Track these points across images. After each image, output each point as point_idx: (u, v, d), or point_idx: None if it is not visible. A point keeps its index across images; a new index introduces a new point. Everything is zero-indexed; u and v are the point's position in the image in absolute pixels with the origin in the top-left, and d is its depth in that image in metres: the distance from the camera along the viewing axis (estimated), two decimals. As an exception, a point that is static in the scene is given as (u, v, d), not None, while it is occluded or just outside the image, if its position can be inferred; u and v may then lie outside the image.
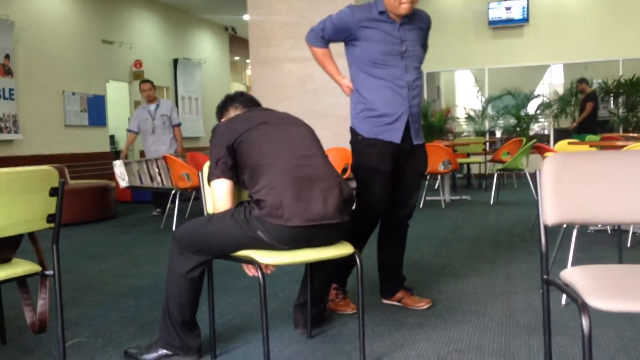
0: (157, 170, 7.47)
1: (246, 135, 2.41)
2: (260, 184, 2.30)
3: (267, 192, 2.26)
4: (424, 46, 3.17)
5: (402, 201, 3.13)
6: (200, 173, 2.59)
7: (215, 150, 2.42)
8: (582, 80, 11.03)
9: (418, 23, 3.06)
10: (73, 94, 9.97)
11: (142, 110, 7.77)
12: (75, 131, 10.01)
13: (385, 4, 2.93)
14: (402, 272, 3.29)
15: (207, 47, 14.81)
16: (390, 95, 2.96)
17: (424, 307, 3.16)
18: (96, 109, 10.57)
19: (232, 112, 2.70)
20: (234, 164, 2.41)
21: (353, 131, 3.07)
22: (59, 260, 2.23)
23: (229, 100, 2.75)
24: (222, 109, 2.76)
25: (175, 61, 13.18)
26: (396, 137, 2.97)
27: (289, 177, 2.30)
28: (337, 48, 3.15)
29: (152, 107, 7.70)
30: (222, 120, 2.71)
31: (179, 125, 7.81)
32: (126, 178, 6.94)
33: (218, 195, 2.41)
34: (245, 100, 2.74)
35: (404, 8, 2.88)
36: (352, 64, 3.07)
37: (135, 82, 11.83)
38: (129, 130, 7.93)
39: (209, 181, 2.44)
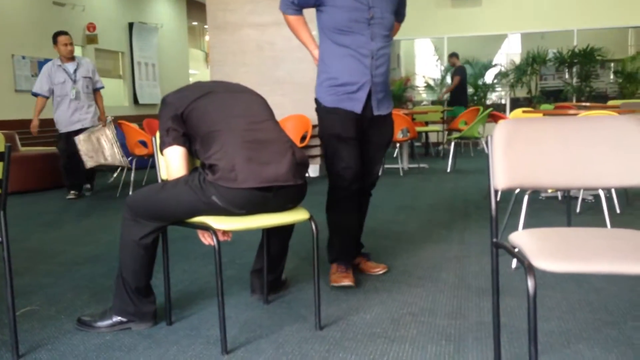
0: (99, 142, 6.39)
1: (195, 104, 2.39)
2: (212, 149, 2.28)
3: (219, 156, 2.25)
4: (398, 14, 3.12)
5: (365, 170, 3.09)
6: (153, 139, 2.55)
7: (165, 119, 2.40)
8: (453, 55, 11.24)
9: None
10: (23, 57, 9.64)
11: (57, 71, 6.35)
12: (26, 96, 9.70)
13: None
14: (359, 238, 3.29)
15: (163, 11, 14.44)
16: (352, 64, 2.91)
17: (380, 272, 3.19)
18: (48, 74, 10.24)
19: None
20: (185, 132, 2.39)
21: (317, 100, 3.04)
22: (7, 227, 2.17)
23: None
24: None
25: (131, 25, 12.84)
26: (357, 106, 2.94)
27: (240, 141, 2.29)
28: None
29: (71, 66, 6.39)
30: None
31: (101, 89, 6.75)
32: (94, 156, 6.21)
33: (172, 162, 2.39)
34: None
35: None
36: (319, 31, 3.02)
37: (89, 47, 11.50)
38: (36, 94, 6.42)
39: (161, 150, 2.41)
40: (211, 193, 2.24)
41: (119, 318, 2.46)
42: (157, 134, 2.49)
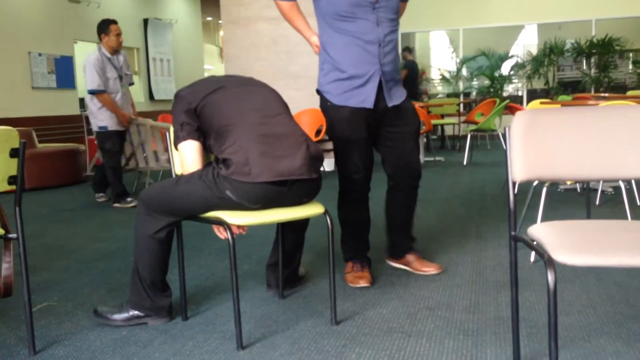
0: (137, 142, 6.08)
1: (209, 99, 2.38)
2: (225, 144, 2.27)
3: (232, 150, 2.23)
4: None
5: (403, 165, 2.91)
6: (167, 134, 2.54)
7: (179, 114, 2.39)
8: (405, 49, 11.15)
9: None
10: (39, 55, 9.70)
11: (107, 64, 5.53)
12: (43, 94, 9.77)
13: None
14: (411, 235, 3.10)
15: (178, 7, 14.47)
16: (358, 54, 2.72)
17: (432, 272, 2.98)
18: (64, 71, 10.30)
19: None
20: (199, 126, 2.38)
21: (321, 95, 2.86)
22: (22, 223, 2.17)
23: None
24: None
25: (146, 21, 12.87)
26: (368, 101, 2.76)
27: (254, 135, 2.27)
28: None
29: (117, 60, 5.67)
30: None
31: (131, 85, 6.05)
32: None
33: (186, 157, 2.37)
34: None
35: None
36: (319, 18, 2.83)
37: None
38: (96, 92, 5.45)
39: (175, 145, 2.40)
40: (225, 188, 2.22)
41: (135, 312, 2.46)
42: (171, 129, 2.48)
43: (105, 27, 5.54)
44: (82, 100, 11.38)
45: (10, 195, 2.21)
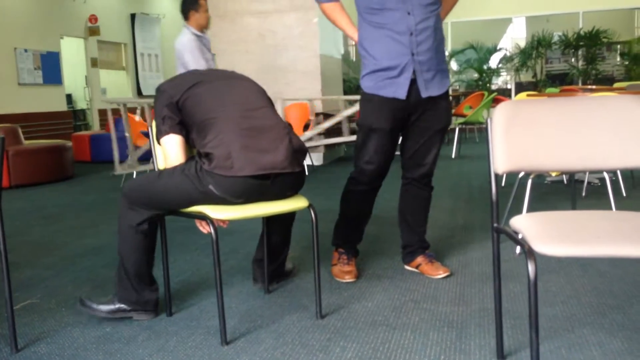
0: None
1: (190, 92, 2.37)
2: (207, 138, 2.26)
3: (214, 144, 2.22)
4: None
5: (418, 161, 2.86)
6: (150, 129, 2.52)
7: (161, 107, 2.38)
8: None
9: None
10: (25, 50, 9.63)
11: (204, 46, 4.83)
12: (29, 90, 9.70)
13: None
14: (422, 236, 3.01)
15: (165, 2, 14.38)
16: (390, 45, 2.66)
17: (441, 276, 2.87)
18: (51, 67, 10.23)
19: None
20: (181, 120, 2.36)
21: (360, 89, 2.84)
22: (2, 220, 2.15)
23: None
24: None
25: (133, 16, 12.79)
26: (400, 92, 2.68)
27: (236, 128, 2.26)
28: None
29: (207, 39, 4.96)
30: None
31: None
32: None
33: (169, 151, 2.36)
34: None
35: None
36: (358, 15, 2.80)
37: (92, 39, 11.46)
38: None
39: (158, 139, 2.39)
40: (208, 182, 2.21)
41: (121, 305, 2.44)
42: (153, 123, 2.46)
43: (194, 3, 4.80)
44: (69, 97, 11.31)
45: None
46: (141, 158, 6.51)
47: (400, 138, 2.91)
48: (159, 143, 2.40)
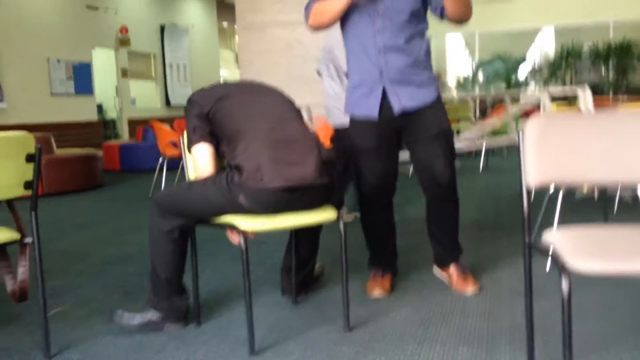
0: None
1: (220, 104, 2.40)
2: (237, 150, 2.28)
3: (244, 157, 2.24)
4: (427, 3, 2.68)
5: (429, 173, 2.74)
6: (181, 138, 2.56)
7: (191, 117, 2.42)
8: None
9: None
10: (58, 61, 9.82)
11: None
12: (61, 100, 9.89)
13: None
14: (453, 246, 2.92)
15: (194, 13, 14.58)
16: (361, 62, 2.67)
17: (470, 292, 2.79)
18: (82, 77, 10.42)
19: None
20: (211, 130, 2.39)
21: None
22: (37, 227, 2.19)
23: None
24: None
25: (162, 27, 12.98)
26: (372, 110, 2.67)
27: (265, 140, 2.28)
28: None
29: None
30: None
31: None
32: None
33: (199, 160, 2.39)
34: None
35: None
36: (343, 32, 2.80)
37: (122, 50, 11.66)
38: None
39: (189, 148, 2.43)
40: (238, 194, 2.23)
41: (153, 314, 2.46)
42: (185, 133, 2.49)
43: None
44: (99, 106, 11.49)
45: (27, 200, 2.23)
46: (169, 167, 6.57)
47: (410, 157, 2.84)
48: (189, 152, 2.44)
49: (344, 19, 2.70)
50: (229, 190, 2.25)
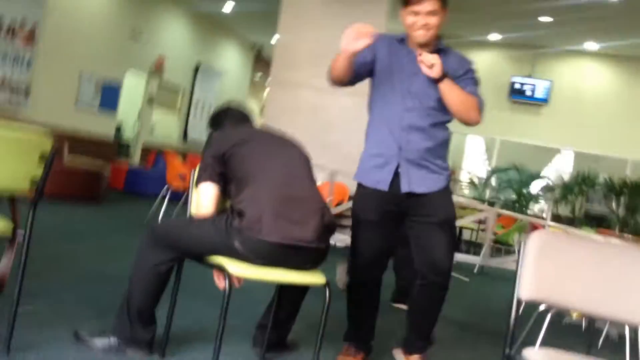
0: None
1: (238, 149, 2.44)
2: (243, 194, 2.31)
3: (248, 204, 2.26)
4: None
5: (426, 258, 2.69)
6: (192, 172, 2.59)
7: (207, 155, 2.47)
8: None
9: (450, 64, 2.60)
10: (90, 76, 10.00)
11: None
12: (83, 113, 10.02)
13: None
14: (424, 336, 2.85)
15: (231, 60, 14.95)
16: (383, 134, 2.68)
17: None
18: (109, 96, 10.57)
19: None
20: (222, 173, 2.43)
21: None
22: (32, 225, 2.20)
23: (224, 115, 2.77)
24: (216, 121, 2.77)
25: (198, 65, 13.29)
26: (382, 183, 2.66)
27: (272, 194, 2.30)
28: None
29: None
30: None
31: None
32: None
33: (202, 198, 2.42)
34: (236, 114, 2.77)
35: (417, 36, 2.58)
36: (369, 106, 2.84)
37: (154, 78, 11.91)
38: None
39: (197, 182, 2.45)
40: (234, 238, 2.24)
41: (115, 339, 2.43)
42: (196, 168, 2.52)
43: None
44: (118, 127, 11.62)
45: (26, 199, 2.24)
46: (172, 197, 6.58)
47: (409, 237, 2.79)
48: (196, 186, 2.47)
49: (375, 89, 2.75)
50: (227, 233, 2.26)
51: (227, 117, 2.75)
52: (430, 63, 2.44)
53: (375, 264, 2.80)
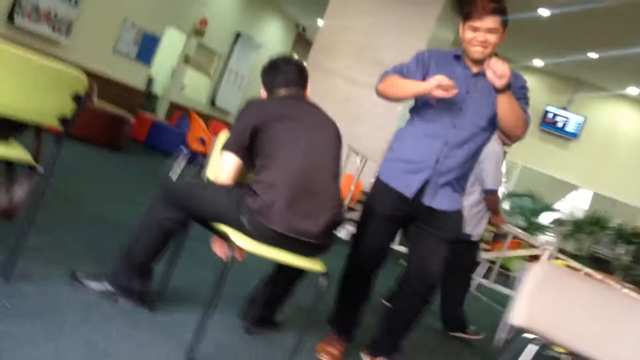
0: None
1: (272, 125, 2.40)
2: (262, 176, 2.33)
3: (264, 188, 2.28)
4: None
5: (419, 266, 2.74)
6: (213, 138, 2.61)
7: (241, 122, 2.44)
8: None
9: None
10: (133, 24, 10.07)
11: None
12: (120, 59, 10.09)
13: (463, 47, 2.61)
14: (394, 342, 2.86)
15: (272, 35, 14.94)
16: (423, 142, 2.67)
17: None
18: (147, 47, 10.63)
19: (276, 89, 2.65)
20: (250, 144, 2.41)
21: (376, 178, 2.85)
22: (55, 162, 2.24)
23: (280, 70, 2.70)
24: (270, 74, 2.71)
25: (238, 34, 13.30)
26: (409, 189, 2.66)
27: (289, 184, 2.31)
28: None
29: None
30: (262, 89, 2.70)
31: None
32: None
33: (224, 167, 2.42)
34: (292, 74, 2.69)
35: (474, 52, 2.56)
36: (410, 113, 2.82)
37: (194, 39, 11.95)
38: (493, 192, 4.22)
39: (223, 147, 2.44)
40: (244, 215, 2.27)
41: (109, 287, 2.48)
42: (220, 134, 2.54)
43: None
44: (150, 79, 11.70)
45: (50, 136, 2.28)
46: (190, 160, 6.64)
47: (408, 242, 2.86)
48: (221, 152, 2.45)
49: (422, 99, 2.66)
50: (237, 207, 2.28)
51: (282, 74, 2.66)
52: (501, 72, 2.38)
53: (376, 256, 2.84)
